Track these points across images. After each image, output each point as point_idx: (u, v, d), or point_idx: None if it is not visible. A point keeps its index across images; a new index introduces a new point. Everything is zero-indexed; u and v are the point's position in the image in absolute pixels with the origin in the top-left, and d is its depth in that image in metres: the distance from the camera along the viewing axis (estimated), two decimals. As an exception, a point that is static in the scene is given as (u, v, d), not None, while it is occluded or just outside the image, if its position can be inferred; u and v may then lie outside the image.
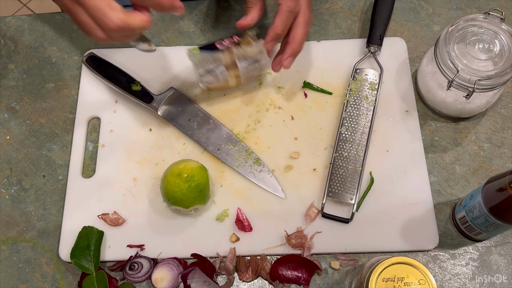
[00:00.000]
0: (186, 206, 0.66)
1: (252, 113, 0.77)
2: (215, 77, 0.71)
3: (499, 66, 0.66)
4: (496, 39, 0.68)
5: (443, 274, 0.67)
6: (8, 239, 0.72)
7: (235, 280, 0.68)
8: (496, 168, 0.73)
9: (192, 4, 0.87)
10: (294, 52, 0.69)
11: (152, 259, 0.68)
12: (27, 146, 0.77)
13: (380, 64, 0.77)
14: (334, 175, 0.70)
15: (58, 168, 0.76)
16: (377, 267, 0.58)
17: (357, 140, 0.72)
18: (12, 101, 0.81)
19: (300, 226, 0.69)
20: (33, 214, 0.73)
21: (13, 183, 0.75)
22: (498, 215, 0.59)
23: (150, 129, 0.77)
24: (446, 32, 0.68)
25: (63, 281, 0.69)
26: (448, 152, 0.74)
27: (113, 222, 0.71)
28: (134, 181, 0.73)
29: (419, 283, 0.57)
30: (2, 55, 0.84)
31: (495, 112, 0.76)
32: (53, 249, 0.71)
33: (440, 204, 0.71)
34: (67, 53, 0.84)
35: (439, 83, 0.71)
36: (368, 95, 0.75)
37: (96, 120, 0.79)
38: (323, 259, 0.69)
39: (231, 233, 0.70)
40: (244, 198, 0.72)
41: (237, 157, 0.74)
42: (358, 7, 0.85)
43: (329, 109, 0.77)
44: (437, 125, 0.76)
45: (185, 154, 0.75)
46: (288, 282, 0.66)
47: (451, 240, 0.69)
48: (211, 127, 0.76)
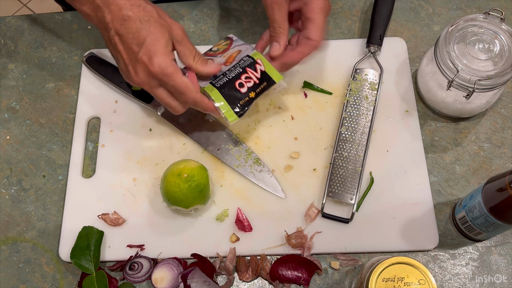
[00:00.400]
0: (186, 206, 0.66)
1: (252, 113, 0.77)
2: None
3: (499, 66, 0.66)
4: (496, 39, 0.68)
5: (443, 274, 0.67)
6: (8, 239, 0.72)
7: (235, 280, 0.68)
8: (496, 168, 0.73)
9: (192, 4, 0.87)
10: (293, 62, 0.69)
11: (152, 259, 0.68)
12: (27, 146, 0.77)
13: (380, 64, 0.77)
14: (334, 175, 0.70)
15: (58, 168, 0.76)
16: (377, 267, 0.58)
17: (357, 140, 0.72)
18: (12, 101, 0.81)
19: (300, 226, 0.69)
20: (33, 214, 0.73)
21: (13, 183, 0.75)
22: (498, 215, 0.59)
23: (150, 129, 0.77)
24: (446, 32, 0.68)
25: (63, 281, 0.69)
26: (448, 152, 0.74)
27: (113, 222, 0.71)
28: (134, 181, 0.73)
29: (419, 283, 0.57)
30: (2, 55, 0.84)
31: (495, 112, 0.76)
32: (53, 249, 0.71)
33: (440, 204, 0.71)
34: (67, 53, 0.84)
35: (439, 83, 0.71)
36: (368, 95, 0.75)
37: (96, 120, 0.79)
38: (323, 259, 0.69)
39: (231, 233, 0.70)
40: (244, 198, 0.72)
41: (237, 157, 0.74)
42: (358, 7, 0.85)
43: (329, 109, 0.77)
44: (437, 125, 0.76)
45: (185, 154, 0.75)
46: (288, 282, 0.66)
47: (451, 240, 0.69)
48: (211, 127, 0.76)
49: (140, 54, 0.59)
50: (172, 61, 0.61)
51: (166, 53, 0.60)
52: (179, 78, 0.61)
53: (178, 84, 0.61)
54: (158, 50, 0.59)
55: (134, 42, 0.59)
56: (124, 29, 0.59)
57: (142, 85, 0.63)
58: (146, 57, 0.59)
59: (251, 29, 0.84)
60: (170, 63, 0.60)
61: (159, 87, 0.63)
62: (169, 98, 0.64)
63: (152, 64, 0.59)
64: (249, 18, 0.85)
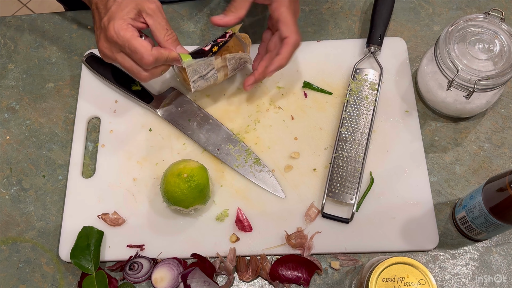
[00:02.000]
0: (186, 206, 0.66)
1: (252, 113, 0.77)
2: (206, 80, 0.70)
3: (499, 66, 0.66)
4: (496, 39, 0.68)
5: (443, 274, 0.67)
6: (8, 239, 0.72)
7: (235, 280, 0.68)
8: (496, 168, 0.73)
9: (192, 4, 0.87)
10: (280, 67, 0.71)
11: (152, 259, 0.68)
12: (27, 146, 0.77)
13: (380, 64, 0.77)
14: (334, 175, 0.70)
15: (58, 168, 0.76)
16: (377, 267, 0.58)
17: (357, 140, 0.72)
18: (12, 101, 0.81)
19: (300, 226, 0.69)
20: (33, 214, 0.73)
21: (13, 183, 0.75)
22: (498, 215, 0.59)
23: (150, 129, 0.77)
24: (446, 32, 0.68)
25: (63, 281, 0.69)
26: (448, 152, 0.74)
27: (113, 222, 0.71)
28: (134, 181, 0.73)
29: (419, 283, 0.57)
30: (2, 55, 0.84)
31: (495, 112, 0.76)
32: (53, 249, 0.71)
33: (440, 204, 0.71)
34: (67, 53, 0.84)
35: (439, 83, 0.71)
36: (368, 95, 0.75)
37: (96, 120, 0.79)
38: (323, 259, 0.69)
39: (231, 233, 0.70)
40: (244, 198, 0.72)
41: (237, 157, 0.74)
42: (358, 7, 0.85)
43: (329, 109, 0.77)
44: (437, 125, 0.76)
45: (185, 154, 0.75)
46: (288, 282, 0.66)
47: (451, 240, 0.69)
48: (211, 127, 0.76)
49: (103, 21, 0.64)
50: (129, 25, 0.63)
51: (124, 19, 0.63)
52: (134, 39, 0.63)
53: (133, 45, 0.62)
54: (117, 16, 0.63)
55: (103, 11, 0.65)
56: (101, 3, 0.66)
57: (104, 51, 0.65)
58: (106, 22, 0.64)
59: (251, 29, 0.84)
60: (126, 27, 0.63)
61: (119, 52, 0.65)
62: (130, 62, 0.65)
63: (109, 28, 0.63)
64: (249, 18, 0.85)
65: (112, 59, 0.66)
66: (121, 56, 0.65)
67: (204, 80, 0.70)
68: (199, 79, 0.69)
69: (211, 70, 0.69)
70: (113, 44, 0.64)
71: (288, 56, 0.70)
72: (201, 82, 0.70)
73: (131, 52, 0.63)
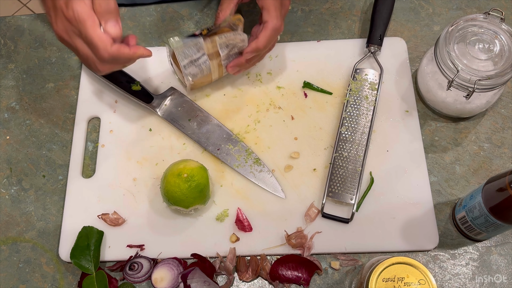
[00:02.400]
0: (186, 206, 0.66)
1: (252, 113, 0.77)
2: (198, 67, 0.70)
3: (499, 66, 0.66)
4: (496, 39, 0.68)
5: (443, 274, 0.67)
6: (8, 239, 0.72)
7: (235, 280, 0.68)
8: (496, 168, 0.73)
9: (192, 4, 0.87)
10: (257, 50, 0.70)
11: (152, 259, 0.68)
12: (27, 146, 0.77)
13: (380, 64, 0.77)
14: (334, 175, 0.70)
15: (58, 168, 0.76)
16: (377, 267, 0.58)
17: (357, 140, 0.72)
18: (12, 101, 0.81)
19: (300, 226, 0.69)
20: (33, 214, 0.73)
21: (13, 183, 0.75)
22: (498, 215, 0.59)
23: (150, 129, 0.77)
24: (446, 32, 0.68)
25: (63, 281, 0.69)
26: (448, 152, 0.74)
27: (113, 222, 0.71)
28: (134, 181, 0.73)
29: (419, 283, 0.57)
30: (2, 55, 0.84)
31: (495, 112, 0.76)
32: (53, 249, 0.71)
33: (440, 204, 0.71)
34: (67, 53, 0.84)
35: (439, 83, 0.71)
36: (368, 95, 0.75)
37: (96, 120, 0.79)
38: (323, 259, 0.69)
39: (231, 233, 0.70)
40: (244, 198, 0.72)
41: (237, 157, 0.74)
42: (358, 7, 0.85)
43: (329, 109, 0.77)
44: (437, 125, 0.76)
45: (185, 154, 0.75)
46: (288, 282, 0.66)
47: (451, 240, 0.69)
48: (211, 127, 0.76)
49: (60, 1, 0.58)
50: (90, 10, 0.58)
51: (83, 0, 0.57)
52: (92, 28, 0.57)
53: (90, 34, 0.57)
54: None
55: None
56: None
57: (62, 34, 0.60)
58: (63, 2, 0.58)
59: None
60: (87, 10, 0.57)
61: (78, 37, 0.59)
62: (87, 50, 0.60)
63: (67, 8, 0.57)
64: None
65: (69, 44, 0.61)
66: (80, 43, 0.59)
67: (195, 66, 0.69)
68: (190, 65, 0.69)
69: (203, 56, 0.69)
70: (72, 26, 0.58)
71: (264, 40, 0.69)
72: (193, 69, 0.69)
73: (88, 43, 0.58)
